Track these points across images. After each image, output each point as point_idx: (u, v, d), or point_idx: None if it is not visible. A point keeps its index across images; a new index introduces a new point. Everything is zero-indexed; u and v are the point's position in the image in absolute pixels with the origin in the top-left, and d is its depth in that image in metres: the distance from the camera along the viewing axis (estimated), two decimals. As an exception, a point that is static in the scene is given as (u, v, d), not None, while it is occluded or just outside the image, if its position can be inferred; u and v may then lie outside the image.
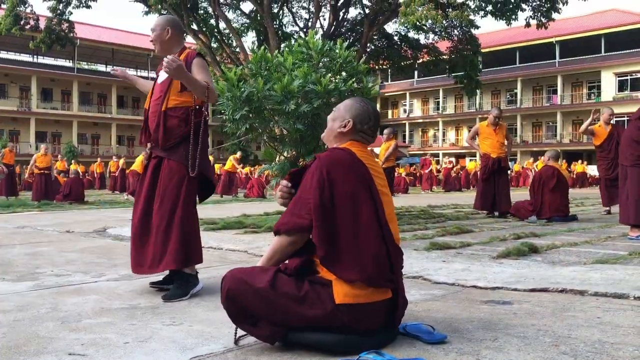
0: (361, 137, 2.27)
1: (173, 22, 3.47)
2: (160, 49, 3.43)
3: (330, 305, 1.98)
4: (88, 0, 26.87)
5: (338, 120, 2.28)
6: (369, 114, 2.27)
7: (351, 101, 2.32)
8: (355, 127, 2.25)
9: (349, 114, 2.26)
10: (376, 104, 49.99)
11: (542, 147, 41.63)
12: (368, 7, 27.85)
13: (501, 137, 8.63)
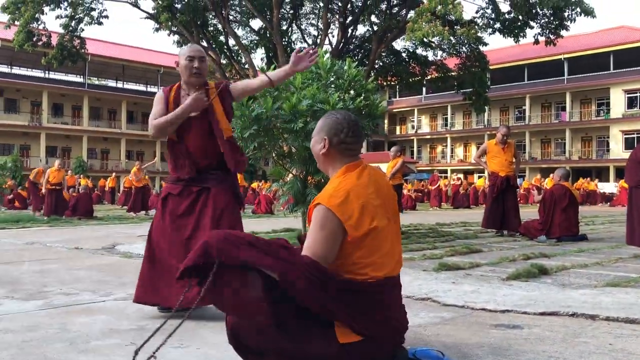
0: (345, 149, 2.12)
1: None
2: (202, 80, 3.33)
3: (335, 346, 1.89)
4: (100, 17, 27.24)
5: (317, 143, 2.17)
6: (339, 122, 2.13)
7: (321, 120, 2.20)
8: (332, 141, 2.11)
9: (323, 132, 2.14)
10: (384, 120, 50.22)
11: (551, 164, 41.47)
12: (376, 25, 28.03)
13: (509, 155, 8.60)
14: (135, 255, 6.28)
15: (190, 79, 3.25)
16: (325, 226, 1.94)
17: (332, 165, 2.14)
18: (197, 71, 3.24)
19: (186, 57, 3.24)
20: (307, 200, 7.11)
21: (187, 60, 3.23)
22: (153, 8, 25.84)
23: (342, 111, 2.23)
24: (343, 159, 2.12)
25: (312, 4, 30.07)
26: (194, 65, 3.22)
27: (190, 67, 3.22)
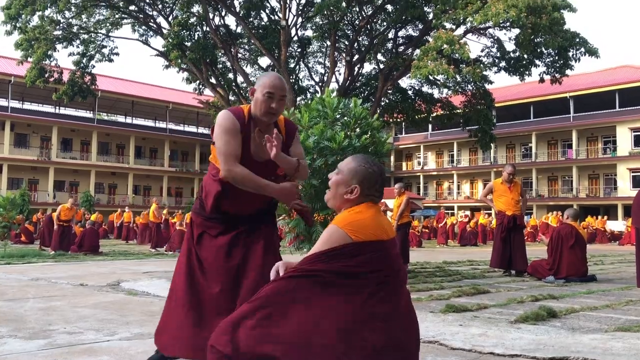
0: (370, 199, 2.17)
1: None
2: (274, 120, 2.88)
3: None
4: (111, 54, 27.81)
5: (342, 185, 2.17)
6: (375, 176, 2.16)
7: (354, 163, 2.19)
8: (363, 192, 2.15)
9: (355, 180, 2.15)
10: (390, 156, 50.33)
11: (558, 202, 41.28)
12: (382, 63, 28.42)
13: (516, 194, 8.58)
14: (140, 292, 6.25)
15: (262, 117, 2.81)
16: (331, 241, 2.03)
17: (349, 206, 2.17)
18: (273, 112, 2.79)
19: (266, 92, 2.78)
20: (313, 238, 7.10)
21: (265, 96, 2.78)
22: (163, 46, 26.34)
23: (375, 162, 2.23)
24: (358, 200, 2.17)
25: (320, 43, 30.59)
26: (272, 105, 2.77)
27: (267, 105, 2.78)
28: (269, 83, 2.79)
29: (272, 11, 27.79)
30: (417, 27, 27.56)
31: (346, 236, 2.01)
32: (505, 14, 19.72)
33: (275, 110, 2.78)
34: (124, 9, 26.51)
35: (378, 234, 2.07)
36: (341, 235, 2.02)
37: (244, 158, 2.75)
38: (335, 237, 2.03)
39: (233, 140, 2.73)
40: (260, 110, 2.79)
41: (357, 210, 2.13)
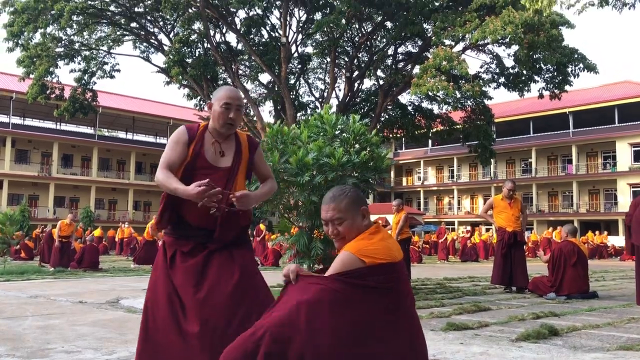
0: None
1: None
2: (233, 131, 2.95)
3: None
4: (112, 70, 27.96)
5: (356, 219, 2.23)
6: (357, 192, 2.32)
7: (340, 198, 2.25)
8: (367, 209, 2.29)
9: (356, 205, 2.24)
10: (390, 171, 50.36)
11: (559, 217, 41.21)
12: (382, 79, 28.56)
13: (516, 210, 8.57)
14: (139, 310, 6.21)
15: (221, 129, 2.89)
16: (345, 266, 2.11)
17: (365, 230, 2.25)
18: (231, 122, 2.88)
19: (222, 103, 2.87)
20: (313, 254, 7.08)
21: (222, 107, 2.86)
22: (164, 62, 26.49)
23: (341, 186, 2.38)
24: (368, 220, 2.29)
25: (320, 59, 30.76)
26: (230, 115, 2.86)
27: (225, 116, 2.86)
28: (224, 95, 2.89)
29: (273, 28, 27.99)
30: (417, 44, 27.74)
31: (359, 261, 2.10)
32: (502, 30, 19.86)
33: (233, 120, 2.87)
34: (125, 26, 26.70)
35: (388, 256, 2.15)
36: (354, 260, 2.11)
37: (200, 166, 2.83)
38: (349, 262, 2.11)
39: (170, 151, 2.85)
40: (218, 122, 2.87)
41: (366, 236, 2.21)
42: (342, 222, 2.24)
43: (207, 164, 2.84)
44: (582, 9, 11.23)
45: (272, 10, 27.67)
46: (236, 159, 2.91)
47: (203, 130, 2.93)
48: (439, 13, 23.29)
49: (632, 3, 11.99)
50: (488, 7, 21.47)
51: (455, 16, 22.21)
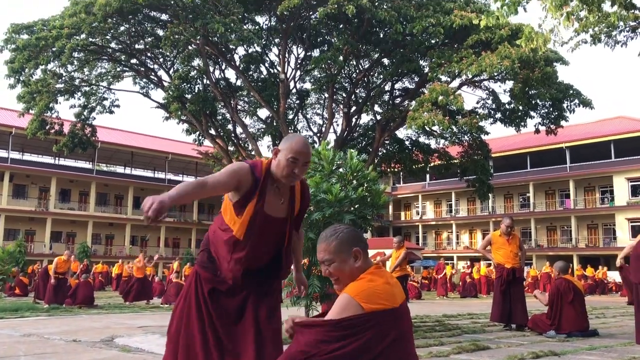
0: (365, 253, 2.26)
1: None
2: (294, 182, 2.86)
3: None
4: (111, 106, 28.20)
5: (347, 261, 2.21)
6: (353, 232, 2.26)
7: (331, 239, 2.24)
8: (364, 251, 2.24)
9: (349, 245, 2.21)
10: (388, 205, 50.36)
11: (558, 252, 41.05)
12: (379, 114, 28.80)
13: (514, 246, 8.54)
14: (134, 349, 6.12)
15: (284, 179, 2.78)
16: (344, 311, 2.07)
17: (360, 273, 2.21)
18: (294, 176, 2.77)
19: (290, 157, 2.74)
20: (310, 292, 7.02)
21: (289, 160, 2.74)
22: (163, 98, 26.72)
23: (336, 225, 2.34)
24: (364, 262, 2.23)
25: (318, 95, 31.07)
26: (295, 170, 2.75)
27: (291, 169, 2.74)
28: (295, 149, 2.76)
29: (272, 65, 28.35)
30: (413, 80, 28.08)
31: (358, 306, 2.06)
32: (499, 65, 20.14)
33: (297, 175, 2.77)
34: (125, 63, 27.02)
35: (389, 302, 2.12)
36: (352, 306, 2.07)
37: (258, 213, 2.73)
38: (347, 307, 2.07)
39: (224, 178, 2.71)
40: (281, 173, 2.76)
41: (368, 278, 2.18)
42: (332, 263, 2.23)
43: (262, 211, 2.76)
44: (575, 47, 11.42)
45: (271, 48, 28.09)
46: (290, 211, 2.86)
47: (266, 175, 2.80)
48: (435, 50, 23.64)
49: (624, 41, 12.21)
50: (484, 43, 21.83)
51: (451, 52, 22.54)
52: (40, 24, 23.50)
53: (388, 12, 21.72)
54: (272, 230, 2.77)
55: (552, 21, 8.60)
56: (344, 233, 2.25)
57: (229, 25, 20.95)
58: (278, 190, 2.81)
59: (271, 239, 2.81)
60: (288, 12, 22.75)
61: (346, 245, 2.22)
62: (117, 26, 24.27)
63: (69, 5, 24.02)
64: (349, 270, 2.22)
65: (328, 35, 26.99)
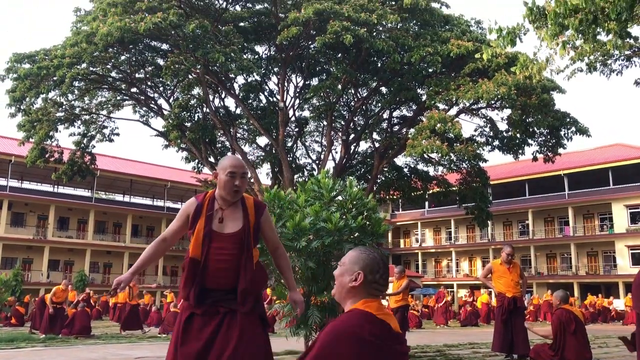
0: (374, 289, 2.17)
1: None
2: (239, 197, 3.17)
3: None
4: (111, 134, 28.32)
5: (347, 274, 2.18)
6: (377, 262, 2.18)
7: (357, 252, 2.23)
8: (367, 278, 2.15)
9: (358, 266, 2.17)
10: (387, 237, 50.21)
11: (558, 280, 40.83)
12: (378, 142, 28.95)
13: (515, 275, 8.48)
14: (130, 381, 6.02)
15: (228, 196, 3.09)
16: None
17: (354, 298, 2.18)
18: (237, 189, 3.09)
19: (227, 172, 3.08)
20: (310, 322, 6.95)
21: (228, 175, 3.07)
22: (163, 126, 26.86)
23: (376, 250, 2.34)
24: (366, 295, 2.18)
25: (316, 123, 31.28)
26: (235, 182, 3.07)
27: (231, 184, 3.06)
28: (229, 164, 3.12)
29: (271, 93, 28.62)
30: (411, 108, 28.31)
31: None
32: (495, 91, 20.34)
33: (239, 187, 3.10)
34: (125, 91, 27.24)
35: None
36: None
37: (208, 233, 3.03)
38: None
39: (175, 221, 3.17)
40: (225, 190, 3.08)
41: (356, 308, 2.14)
42: (340, 267, 2.25)
43: (211, 230, 3.04)
44: (571, 75, 11.55)
45: (270, 77, 28.40)
46: (245, 224, 3.08)
47: (211, 198, 3.14)
48: (432, 78, 23.91)
49: (619, 69, 12.35)
50: (481, 71, 22.07)
51: (449, 80, 22.79)
52: (42, 53, 23.74)
53: (386, 41, 22.01)
54: (226, 246, 3.01)
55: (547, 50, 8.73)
56: (368, 255, 2.23)
57: (229, 54, 21.19)
58: (224, 210, 3.08)
59: (227, 256, 3.01)
60: (287, 42, 23.05)
61: (358, 264, 2.20)
62: (118, 55, 24.54)
63: (71, 35, 24.33)
64: (344, 285, 2.21)
65: (326, 64, 27.31)
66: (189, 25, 20.70)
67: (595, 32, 7.94)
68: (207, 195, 3.16)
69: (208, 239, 3.01)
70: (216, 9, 24.32)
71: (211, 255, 3.01)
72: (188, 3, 23.48)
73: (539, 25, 7.99)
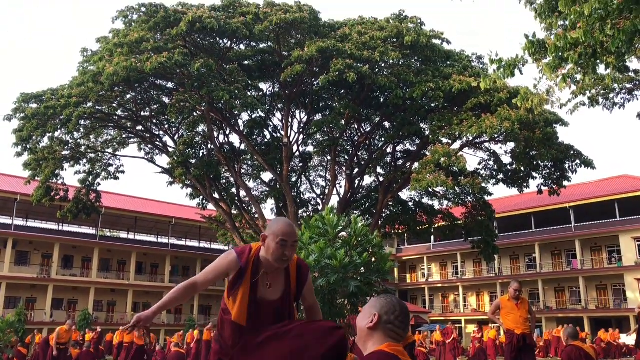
0: (391, 330, 2.24)
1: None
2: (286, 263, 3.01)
3: None
4: (116, 172, 28.48)
5: (365, 318, 2.28)
6: (394, 305, 2.28)
7: (375, 298, 2.34)
8: (382, 319, 2.24)
9: (374, 309, 2.26)
10: (393, 273, 49.76)
11: (568, 314, 40.18)
12: (382, 176, 28.99)
13: (524, 311, 8.34)
14: None
15: (275, 263, 2.93)
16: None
17: (373, 340, 2.24)
18: (285, 259, 2.92)
19: (279, 240, 2.90)
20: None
21: (278, 244, 2.89)
22: (168, 163, 27.01)
23: (395, 297, 2.38)
24: (386, 339, 2.23)
25: (320, 158, 31.40)
26: (285, 252, 2.90)
27: (280, 252, 2.90)
28: (281, 231, 2.91)
29: (275, 129, 28.82)
30: (415, 142, 28.43)
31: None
32: (499, 126, 20.42)
33: (288, 257, 2.91)
34: (131, 129, 27.50)
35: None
36: None
37: (251, 299, 2.92)
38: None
39: (211, 273, 2.98)
40: (272, 257, 2.91)
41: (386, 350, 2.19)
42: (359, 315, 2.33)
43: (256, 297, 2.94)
44: (574, 109, 11.60)
45: (274, 113, 28.67)
46: (285, 293, 2.99)
47: (255, 261, 2.97)
48: (435, 113, 24.08)
49: (622, 103, 12.41)
50: (483, 106, 22.23)
51: (452, 115, 22.93)
52: (49, 93, 24.09)
53: (388, 77, 22.27)
54: (269, 312, 2.93)
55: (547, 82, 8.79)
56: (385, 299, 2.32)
57: (234, 92, 21.45)
58: (268, 275, 2.95)
59: (270, 320, 2.93)
60: (291, 79, 23.36)
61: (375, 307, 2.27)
62: (123, 94, 24.88)
63: (77, 74, 24.71)
64: (363, 330, 2.27)
65: (330, 100, 27.59)
66: (194, 64, 21.02)
67: (594, 66, 8.00)
68: (251, 255, 2.98)
69: (254, 306, 2.92)
70: (221, 48, 24.73)
71: (253, 319, 2.93)
72: (193, 43, 23.89)
73: (538, 58, 8.07)
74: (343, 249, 7.15)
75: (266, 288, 2.94)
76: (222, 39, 24.18)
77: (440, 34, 24.27)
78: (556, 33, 7.62)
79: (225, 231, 32.15)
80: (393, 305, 2.28)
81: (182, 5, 23.58)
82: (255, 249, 3.01)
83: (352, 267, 6.96)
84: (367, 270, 7.30)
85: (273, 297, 2.95)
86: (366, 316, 2.28)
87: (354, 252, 7.30)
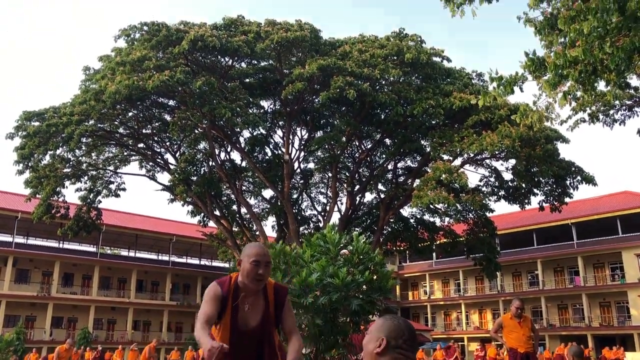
0: (399, 354, 2.20)
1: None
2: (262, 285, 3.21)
3: None
4: (117, 189, 28.49)
5: (372, 342, 2.24)
6: (401, 328, 2.24)
7: (381, 320, 2.30)
8: (390, 343, 2.19)
9: (382, 333, 2.23)
10: (395, 290, 49.49)
11: (571, 332, 39.84)
12: (383, 193, 28.97)
13: (527, 329, 8.26)
14: None
15: (251, 285, 3.12)
16: None
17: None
18: (260, 278, 3.11)
19: (252, 261, 3.11)
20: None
21: (252, 264, 3.10)
22: (169, 181, 27.02)
23: (402, 318, 2.34)
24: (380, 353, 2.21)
25: (321, 175, 31.40)
26: (259, 271, 3.10)
27: (254, 272, 3.09)
28: (253, 252, 3.14)
29: (276, 146, 28.89)
30: (416, 159, 28.46)
31: None
32: (499, 144, 20.46)
33: (262, 276, 3.11)
34: (132, 147, 27.56)
35: None
36: None
37: (235, 329, 3.09)
38: None
39: (208, 306, 3.09)
40: (248, 278, 3.10)
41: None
42: (367, 335, 2.28)
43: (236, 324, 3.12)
44: (574, 126, 11.62)
45: (276, 130, 28.76)
46: (265, 316, 3.15)
47: (235, 284, 3.17)
48: (436, 130, 24.13)
49: (622, 119, 12.44)
50: (484, 123, 22.28)
51: (452, 132, 22.99)
52: (52, 111, 24.19)
53: (388, 95, 22.37)
54: (251, 337, 3.10)
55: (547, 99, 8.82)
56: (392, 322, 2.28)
57: (235, 110, 21.54)
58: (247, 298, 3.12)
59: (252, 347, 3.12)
60: (292, 97, 23.46)
61: (382, 331, 2.24)
62: (125, 112, 24.98)
63: (80, 93, 24.84)
64: (370, 354, 2.23)
65: (331, 117, 27.69)
66: (195, 82, 21.13)
67: (594, 83, 8.03)
68: (231, 283, 3.17)
69: (235, 333, 3.10)
70: (222, 66, 24.88)
71: (237, 346, 3.08)
72: (195, 61, 24.05)
73: (538, 75, 8.10)
74: (345, 267, 7.10)
75: (246, 311, 3.10)
76: (223, 57, 24.34)
77: (440, 52, 24.43)
78: (555, 51, 7.66)
79: (226, 248, 32.09)
80: (401, 328, 2.24)
81: (184, 24, 23.77)
82: (234, 277, 3.20)
83: (354, 285, 6.91)
84: (369, 288, 7.24)
85: (253, 323, 3.11)
86: (373, 340, 2.24)
87: (355, 270, 7.25)
